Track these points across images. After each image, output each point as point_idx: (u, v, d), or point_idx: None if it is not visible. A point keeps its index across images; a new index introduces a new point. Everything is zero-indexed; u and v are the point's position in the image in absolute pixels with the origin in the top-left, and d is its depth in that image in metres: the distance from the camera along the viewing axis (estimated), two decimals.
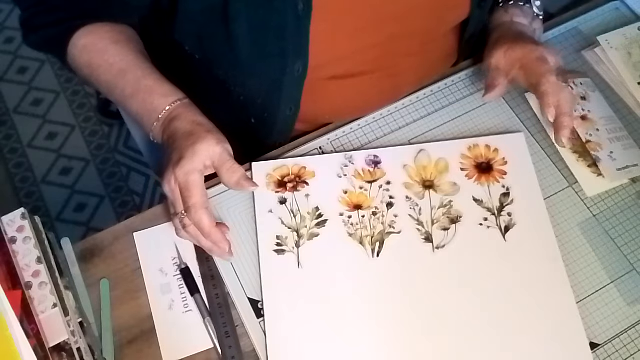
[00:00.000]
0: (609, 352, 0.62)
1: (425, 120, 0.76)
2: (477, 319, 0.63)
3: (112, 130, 1.70)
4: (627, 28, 0.82)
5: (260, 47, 0.65)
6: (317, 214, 0.69)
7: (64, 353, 0.56)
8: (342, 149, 0.74)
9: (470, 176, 0.71)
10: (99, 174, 1.63)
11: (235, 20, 0.63)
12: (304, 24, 0.64)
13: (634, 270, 0.67)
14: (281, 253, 0.66)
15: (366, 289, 0.64)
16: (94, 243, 0.69)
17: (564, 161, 0.73)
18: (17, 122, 1.71)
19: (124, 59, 0.69)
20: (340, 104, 0.75)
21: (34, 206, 1.58)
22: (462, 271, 0.65)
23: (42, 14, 0.71)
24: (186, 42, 0.70)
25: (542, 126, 0.75)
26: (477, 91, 0.78)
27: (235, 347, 0.62)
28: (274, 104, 0.71)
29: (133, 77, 0.69)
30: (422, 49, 0.75)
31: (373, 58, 0.72)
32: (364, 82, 0.74)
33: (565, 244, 0.67)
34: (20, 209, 0.62)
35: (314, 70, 0.68)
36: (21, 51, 1.82)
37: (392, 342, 0.62)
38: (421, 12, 0.70)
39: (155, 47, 0.75)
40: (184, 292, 0.66)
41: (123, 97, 0.69)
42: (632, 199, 0.71)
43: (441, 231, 0.68)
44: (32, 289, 0.58)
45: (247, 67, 0.68)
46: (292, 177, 0.71)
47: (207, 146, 0.63)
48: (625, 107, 0.77)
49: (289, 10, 0.62)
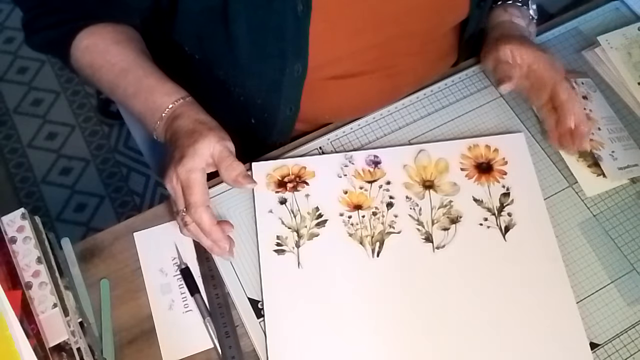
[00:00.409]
0: (609, 352, 0.62)
1: (426, 120, 0.76)
2: (477, 319, 0.63)
3: (112, 130, 1.70)
4: (627, 28, 0.82)
5: (260, 48, 0.65)
6: (317, 214, 0.69)
7: (64, 353, 0.56)
8: (342, 149, 0.74)
9: (470, 176, 0.71)
10: (99, 174, 1.63)
11: (234, 21, 0.63)
12: (303, 24, 0.64)
13: (634, 270, 0.67)
14: (281, 253, 0.66)
15: (366, 289, 0.64)
16: (94, 243, 0.69)
17: (564, 161, 0.73)
18: (17, 122, 1.71)
19: (125, 58, 0.69)
20: (340, 104, 0.75)
21: (34, 206, 1.58)
22: (462, 271, 0.65)
23: (44, 15, 0.71)
24: (186, 43, 0.70)
25: (543, 126, 0.75)
26: (477, 91, 0.78)
27: (235, 347, 0.62)
28: (273, 104, 0.71)
29: (134, 76, 0.69)
30: (422, 49, 0.75)
31: (372, 58, 0.72)
32: (363, 82, 0.74)
33: (565, 244, 0.67)
34: (20, 209, 0.62)
35: (313, 70, 0.68)
36: (21, 51, 1.82)
37: (392, 342, 0.62)
38: (420, 13, 0.70)
39: (155, 48, 0.75)
40: (184, 292, 0.66)
41: (125, 97, 0.70)
42: (632, 199, 0.71)
43: (441, 231, 0.68)
44: (32, 289, 0.58)
45: (247, 67, 0.68)
46: (292, 177, 0.71)
47: (208, 144, 0.63)
48: (625, 107, 0.78)
49: (288, 11, 0.62)
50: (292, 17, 0.63)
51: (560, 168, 0.73)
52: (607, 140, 0.73)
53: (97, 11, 0.70)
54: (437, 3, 0.70)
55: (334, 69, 0.71)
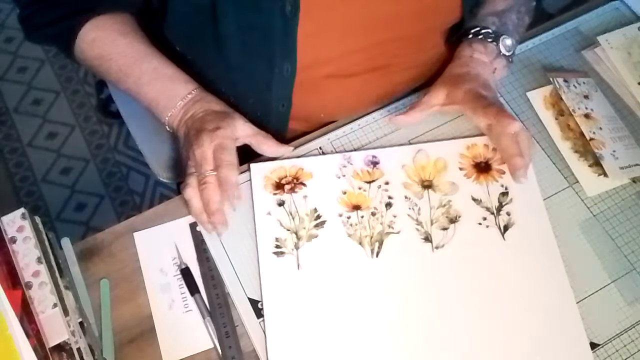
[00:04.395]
0: (609, 352, 0.62)
1: (425, 121, 0.76)
2: (477, 319, 0.63)
3: (112, 130, 1.70)
4: (627, 28, 0.82)
5: (248, 48, 0.66)
6: (316, 215, 0.69)
7: (64, 353, 0.56)
8: (342, 149, 0.74)
9: (468, 175, 0.71)
10: (98, 174, 1.63)
11: (223, 21, 0.63)
12: (291, 25, 0.64)
13: (634, 270, 0.67)
14: (280, 255, 0.66)
15: (366, 289, 0.64)
16: (94, 243, 0.69)
17: (564, 161, 0.73)
18: (17, 122, 1.71)
19: (137, 49, 0.72)
20: (333, 102, 0.76)
21: (33, 206, 1.58)
22: (461, 271, 0.65)
23: (43, 10, 0.71)
24: (177, 42, 0.72)
25: (543, 125, 0.75)
26: None
27: (235, 347, 0.62)
28: (265, 103, 0.71)
29: (149, 66, 0.71)
30: (414, 51, 0.75)
31: (364, 59, 0.72)
32: (356, 81, 0.74)
33: (565, 244, 0.67)
34: (20, 208, 0.62)
35: (303, 70, 0.68)
36: (21, 51, 1.82)
37: (392, 341, 0.62)
38: (410, 18, 0.69)
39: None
40: (184, 292, 0.66)
41: (138, 85, 0.72)
42: (632, 199, 0.71)
43: (440, 231, 0.68)
44: (32, 288, 0.58)
45: (236, 67, 0.69)
46: (289, 178, 0.71)
47: (241, 121, 0.69)
48: (626, 107, 0.78)
49: (277, 12, 0.63)
50: (281, 17, 0.63)
51: (560, 168, 0.73)
52: (608, 139, 0.73)
53: (95, 4, 0.71)
54: (427, 8, 0.69)
55: (325, 69, 0.71)
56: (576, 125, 0.74)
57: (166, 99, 0.71)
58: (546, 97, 0.77)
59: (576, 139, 0.74)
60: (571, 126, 0.75)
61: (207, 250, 0.67)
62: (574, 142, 0.74)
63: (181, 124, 0.70)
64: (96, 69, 0.74)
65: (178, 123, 0.71)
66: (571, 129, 0.75)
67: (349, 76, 0.73)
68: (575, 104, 0.75)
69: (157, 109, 0.72)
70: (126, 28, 0.73)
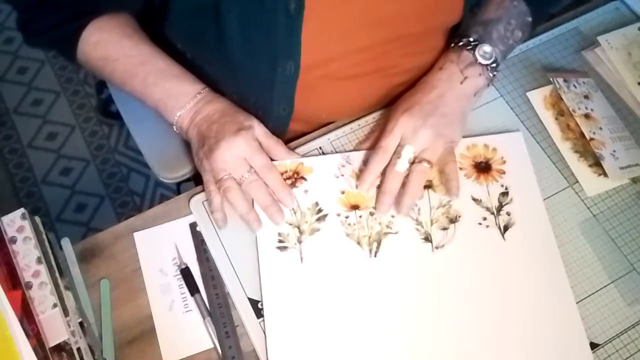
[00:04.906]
0: (609, 352, 0.62)
1: None
2: (477, 319, 0.63)
3: (112, 131, 1.70)
4: (627, 28, 0.82)
5: (251, 46, 0.66)
6: (317, 208, 0.69)
7: (64, 353, 0.56)
8: (342, 149, 0.74)
9: (468, 175, 0.71)
10: (99, 174, 1.63)
11: (225, 18, 0.63)
12: (295, 23, 0.64)
13: (634, 270, 0.67)
14: (284, 250, 0.66)
15: (365, 289, 0.64)
16: (94, 243, 0.69)
17: (564, 161, 0.73)
18: (17, 122, 1.71)
19: (142, 50, 0.72)
20: (335, 103, 0.75)
21: (34, 206, 1.58)
22: (461, 271, 0.65)
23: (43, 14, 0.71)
24: (178, 40, 0.71)
25: (543, 125, 0.75)
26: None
27: (235, 347, 0.62)
28: (266, 102, 0.71)
29: (155, 67, 0.71)
30: (415, 51, 0.75)
31: (366, 59, 0.72)
32: (358, 82, 0.74)
33: (565, 244, 0.67)
34: (20, 209, 0.62)
35: (306, 69, 0.68)
36: (21, 51, 1.82)
37: (391, 342, 0.62)
38: (411, 17, 0.69)
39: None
40: (184, 292, 0.66)
41: (144, 86, 0.71)
42: (632, 199, 0.71)
43: (440, 231, 0.68)
44: (32, 289, 0.58)
45: (239, 65, 0.68)
46: (290, 173, 0.71)
47: (257, 122, 0.70)
48: (626, 107, 0.78)
49: (280, 9, 0.62)
50: (284, 15, 0.63)
51: (560, 168, 0.73)
52: (608, 139, 0.73)
53: (97, 5, 0.71)
54: (429, 8, 0.69)
55: (327, 69, 0.71)
56: (576, 125, 0.74)
57: (174, 99, 0.70)
58: (546, 97, 0.77)
59: (576, 139, 0.74)
60: (571, 126, 0.75)
61: (207, 250, 0.67)
62: (574, 142, 0.74)
63: (192, 124, 0.70)
64: (100, 70, 0.73)
65: (189, 123, 0.70)
66: (571, 129, 0.75)
67: (350, 77, 0.73)
68: (575, 104, 0.75)
69: (164, 110, 0.71)
70: (129, 29, 0.73)
